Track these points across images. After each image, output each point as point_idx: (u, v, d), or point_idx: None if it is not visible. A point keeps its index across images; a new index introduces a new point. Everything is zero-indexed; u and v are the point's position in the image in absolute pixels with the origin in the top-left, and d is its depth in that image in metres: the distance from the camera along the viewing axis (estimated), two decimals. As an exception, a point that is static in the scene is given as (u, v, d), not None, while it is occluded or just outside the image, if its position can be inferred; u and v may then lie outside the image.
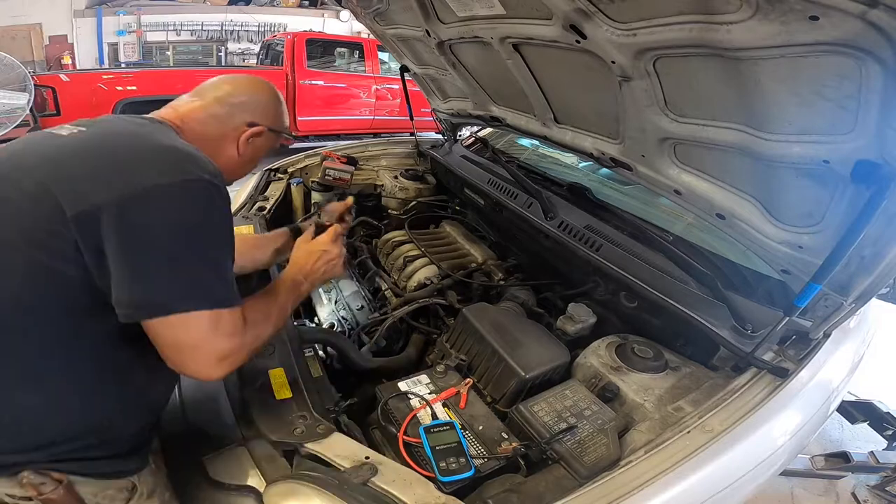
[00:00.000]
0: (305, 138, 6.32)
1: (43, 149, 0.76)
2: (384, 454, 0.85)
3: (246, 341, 0.77)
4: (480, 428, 0.95)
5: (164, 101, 0.97)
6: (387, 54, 6.79)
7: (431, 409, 0.98)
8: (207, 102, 0.95)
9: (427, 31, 1.58)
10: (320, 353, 1.24)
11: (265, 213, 1.77)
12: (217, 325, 0.72)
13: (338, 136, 6.61)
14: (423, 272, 1.59)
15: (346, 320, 1.50)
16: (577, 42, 1.07)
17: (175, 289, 0.70)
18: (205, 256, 0.73)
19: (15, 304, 0.67)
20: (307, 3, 11.74)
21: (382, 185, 2.22)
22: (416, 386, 1.04)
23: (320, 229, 1.11)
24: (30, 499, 0.70)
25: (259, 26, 11.19)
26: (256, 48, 10.12)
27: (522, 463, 0.90)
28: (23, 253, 0.67)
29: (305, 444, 0.85)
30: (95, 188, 0.68)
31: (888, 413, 2.19)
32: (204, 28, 10.91)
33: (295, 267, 1.01)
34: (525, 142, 2.21)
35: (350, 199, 1.33)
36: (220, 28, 11.03)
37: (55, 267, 0.67)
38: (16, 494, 0.70)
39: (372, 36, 2.27)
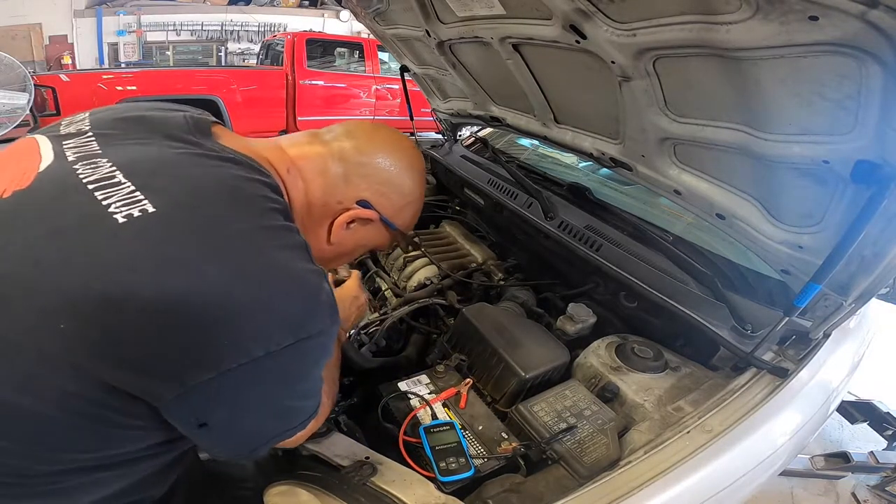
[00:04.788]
0: (305, 138, 6.31)
1: (80, 264, 0.50)
2: (384, 454, 0.85)
3: (326, 410, 0.81)
4: (480, 428, 0.95)
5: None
6: (387, 54, 6.80)
7: (431, 409, 0.98)
8: (329, 151, 0.73)
9: (427, 32, 1.58)
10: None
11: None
12: (316, 421, 0.72)
13: (338, 136, 6.60)
14: (423, 272, 1.59)
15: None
16: (577, 42, 1.07)
17: (296, 418, 0.65)
18: (314, 388, 0.66)
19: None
20: (307, 3, 11.75)
21: (382, 185, 2.21)
22: (416, 386, 1.04)
23: (338, 282, 1.17)
24: None
25: (259, 26, 11.20)
26: (256, 48, 10.13)
27: (522, 463, 0.90)
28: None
29: (305, 444, 0.85)
30: (200, 361, 0.50)
31: (888, 413, 2.20)
32: (204, 28, 10.93)
33: None
34: (525, 142, 2.21)
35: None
36: (220, 28, 11.04)
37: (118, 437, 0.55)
38: None
39: (372, 36, 2.27)
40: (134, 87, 5.09)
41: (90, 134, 0.63)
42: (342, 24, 11.35)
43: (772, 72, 0.80)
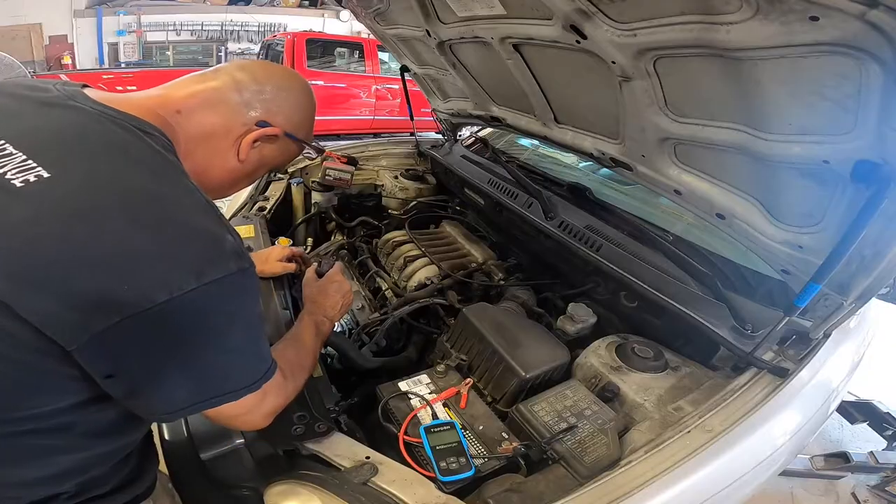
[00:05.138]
0: (305, 138, 6.33)
1: None
2: (384, 454, 0.85)
3: (289, 393, 0.80)
4: (481, 428, 0.95)
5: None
6: (387, 54, 6.81)
7: (432, 408, 0.98)
8: (222, 83, 0.76)
9: (427, 32, 1.59)
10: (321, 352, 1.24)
11: (265, 213, 1.77)
12: (264, 394, 0.70)
13: (338, 136, 6.62)
14: (424, 272, 1.59)
15: (347, 320, 1.50)
16: (578, 42, 1.07)
17: (220, 385, 0.64)
18: (243, 345, 0.66)
19: None
20: (307, 3, 11.76)
21: (382, 185, 2.22)
22: (417, 386, 1.04)
23: (320, 274, 1.17)
24: None
25: (259, 26, 11.21)
26: (256, 48, 10.14)
27: (522, 463, 0.90)
28: None
29: (306, 444, 0.85)
30: (103, 306, 0.52)
31: (888, 413, 2.20)
32: (204, 28, 10.94)
33: (315, 307, 1.06)
34: (525, 142, 2.21)
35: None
36: (220, 28, 11.05)
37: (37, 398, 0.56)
38: None
39: (372, 36, 2.28)
40: (134, 88, 5.11)
41: None
42: (342, 24, 11.35)
43: (772, 72, 0.80)
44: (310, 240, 1.91)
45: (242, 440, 1.03)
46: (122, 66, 9.34)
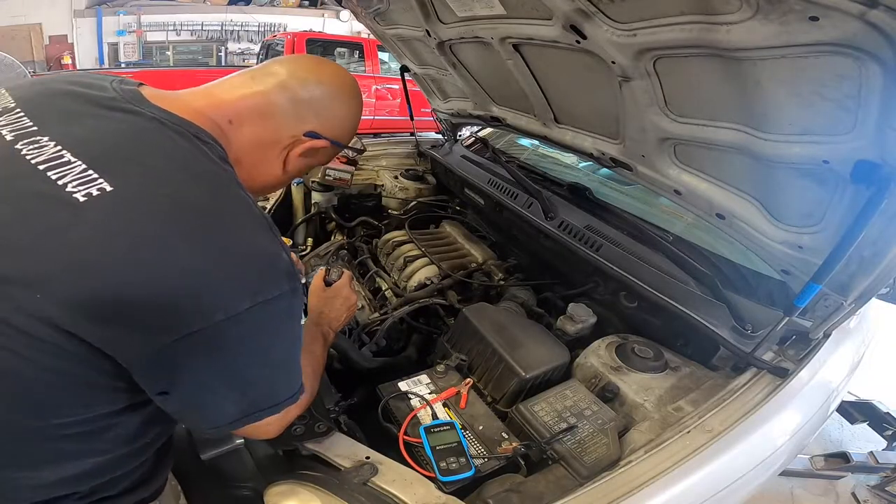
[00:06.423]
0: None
1: (49, 242, 0.51)
2: (385, 454, 0.85)
3: (305, 403, 0.83)
4: (481, 428, 0.95)
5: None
6: (387, 54, 6.80)
7: (432, 408, 0.98)
8: (270, 88, 0.74)
9: (427, 32, 1.59)
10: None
11: (265, 212, 1.77)
12: (287, 410, 0.71)
13: (338, 136, 6.60)
14: (424, 272, 1.59)
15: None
16: (578, 42, 1.07)
17: (267, 398, 0.65)
18: (287, 359, 0.68)
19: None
20: (307, 3, 11.76)
21: (382, 185, 2.22)
22: (417, 386, 1.04)
23: (329, 283, 1.17)
24: None
25: (259, 26, 11.21)
26: (256, 48, 10.15)
27: (522, 463, 0.90)
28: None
29: (305, 444, 0.85)
30: (163, 326, 0.53)
31: (888, 413, 2.20)
32: (204, 28, 10.94)
33: (321, 318, 1.06)
34: (525, 142, 2.21)
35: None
36: (220, 28, 11.05)
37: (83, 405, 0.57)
38: None
39: (372, 36, 2.28)
40: (134, 87, 5.09)
41: (19, 111, 0.62)
42: (342, 24, 11.35)
43: (772, 72, 0.80)
44: (310, 240, 1.91)
45: (242, 440, 1.04)
46: (122, 66, 9.34)
